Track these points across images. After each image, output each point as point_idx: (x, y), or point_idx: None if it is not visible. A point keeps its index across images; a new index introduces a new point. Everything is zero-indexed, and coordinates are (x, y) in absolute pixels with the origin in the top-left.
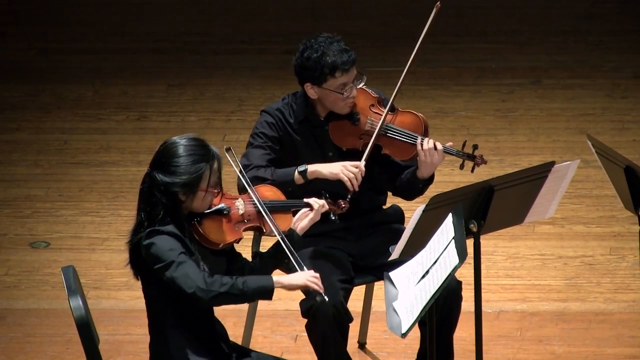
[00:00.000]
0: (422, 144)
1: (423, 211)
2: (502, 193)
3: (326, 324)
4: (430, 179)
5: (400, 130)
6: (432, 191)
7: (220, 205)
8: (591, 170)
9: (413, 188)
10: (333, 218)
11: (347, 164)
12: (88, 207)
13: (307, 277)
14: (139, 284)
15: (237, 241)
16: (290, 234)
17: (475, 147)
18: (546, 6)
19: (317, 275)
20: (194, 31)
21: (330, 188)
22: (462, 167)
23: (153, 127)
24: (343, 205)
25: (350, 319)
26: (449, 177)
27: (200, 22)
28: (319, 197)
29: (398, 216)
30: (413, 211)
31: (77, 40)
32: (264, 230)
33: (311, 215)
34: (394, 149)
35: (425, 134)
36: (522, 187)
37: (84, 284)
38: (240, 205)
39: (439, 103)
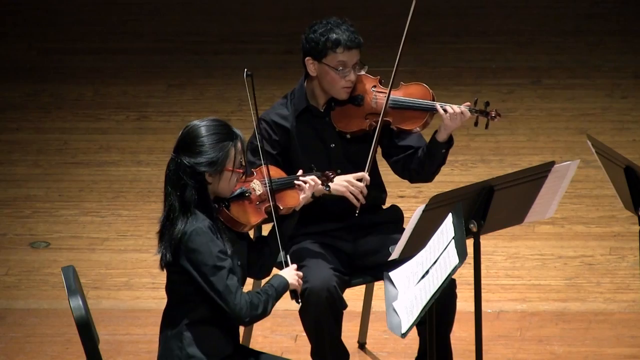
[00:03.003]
0: (445, 110)
1: (423, 211)
2: (502, 193)
3: (319, 309)
4: (450, 141)
5: (408, 100)
6: (432, 191)
7: (241, 189)
8: (591, 170)
9: (435, 157)
10: (326, 190)
11: (351, 178)
12: (88, 207)
13: (294, 276)
14: (139, 284)
15: (263, 221)
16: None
17: (487, 103)
18: (546, 6)
19: (300, 274)
20: (194, 31)
21: (339, 204)
22: (476, 124)
23: (153, 127)
24: (332, 175)
25: (344, 306)
26: (449, 177)
27: (200, 22)
28: (310, 172)
29: (397, 216)
30: (413, 211)
31: (77, 40)
32: (281, 209)
33: (305, 193)
34: (404, 119)
35: (433, 99)
36: (522, 187)
37: (84, 284)
38: (256, 187)
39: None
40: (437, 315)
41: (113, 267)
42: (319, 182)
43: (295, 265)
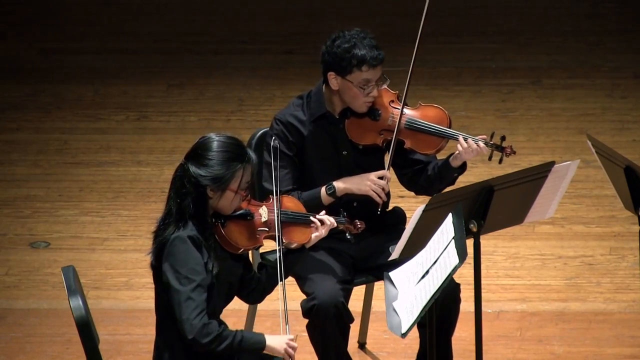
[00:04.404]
0: (463, 141)
1: (423, 211)
2: (502, 193)
3: (327, 324)
4: (463, 167)
5: (424, 124)
6: None
7: (245, 210)
8: (591, 170)
9: (445, 179)
10: (348, 237)
11: (373, 176)
12: (88, 207)
13: (286, 346)
14: (139, 284)
15: (257, 248)
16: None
17: (503, 138)
18: (546, 6)
19: (295, 345)
20: (194, 31)
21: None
22: (490, 158)
23: (153, 127)
24: (359, 226)
25: (351, 319)
26: None
27: (200, 22)
28: (336, 214)
29: (399, 217)
30: (413, 211)
31: (77, 40)
32: (284, 242)
33: (319, 232)
34: (418, 142)
35: (450, 126)
36: (522, 187)
37: (84, 284)
38: (263, 213)
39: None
40: (440, 318)
41: (113, 267)
42: (335, 224)
43: (292, 336)
